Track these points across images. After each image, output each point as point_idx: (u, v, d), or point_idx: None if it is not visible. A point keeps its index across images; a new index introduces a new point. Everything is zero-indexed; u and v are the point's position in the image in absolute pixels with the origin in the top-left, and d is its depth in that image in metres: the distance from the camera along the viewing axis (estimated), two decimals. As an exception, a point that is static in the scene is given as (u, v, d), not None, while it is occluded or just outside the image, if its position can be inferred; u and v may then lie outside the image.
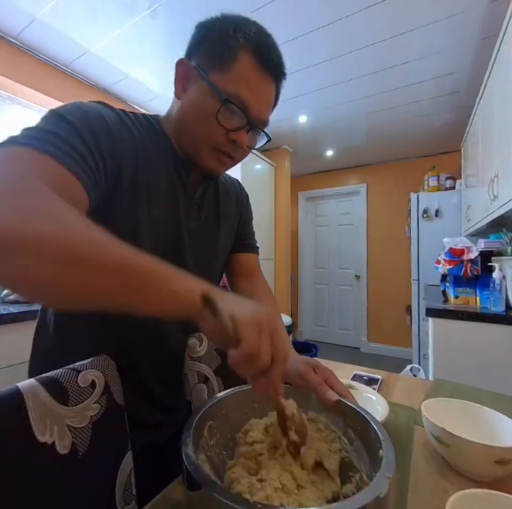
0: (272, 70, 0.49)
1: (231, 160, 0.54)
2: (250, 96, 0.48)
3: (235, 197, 0.72)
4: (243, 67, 0.47)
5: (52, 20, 1.53)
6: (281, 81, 0.53)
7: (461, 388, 0.75)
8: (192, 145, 0.52)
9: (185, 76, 0.50)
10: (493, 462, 0.40)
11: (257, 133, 0.55)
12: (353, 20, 1.50)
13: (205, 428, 0.37)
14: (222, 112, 0.47)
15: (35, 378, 0.36)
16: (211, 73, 0.47)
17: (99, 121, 0.43)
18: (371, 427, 0.36)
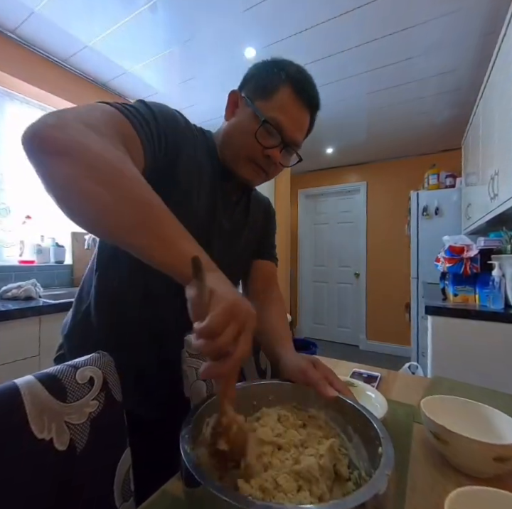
0: (306, 100, 0.58)
1: (264, 173, 0.61)
2: (286, 120, 0.56)
3: (263, 211, 0.78)
4: (282, 97, 0.56)
5: (51, 14, 1.51)
6: (315, 111, 0.63)
7: (460, 386, 0.75)
8: (232, 156, 0.61)
9: (235, 103, 0.60)
10: (492, 459, 0.41)
11: (290, 153, 0.62)
12: (353, 17, 1.48)
13: (204, 424, 0.37)
14: (260, 131, 0.55)
15: (33, 374, 0.36)
16: (256, 101, 0.57)
17: (171, 115, 0.53)
18: (370, 424, 0.36)
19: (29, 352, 1.29)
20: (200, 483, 0.26)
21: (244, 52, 1.75)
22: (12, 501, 0.32)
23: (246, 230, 0.71)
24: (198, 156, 0.58)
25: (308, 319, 4.18)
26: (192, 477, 0.26)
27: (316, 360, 0.51)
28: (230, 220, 0.66)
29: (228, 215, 0.65)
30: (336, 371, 0.78)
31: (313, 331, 4.14)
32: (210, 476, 0.27)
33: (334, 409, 0.43)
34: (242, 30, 1.57)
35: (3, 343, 1.22)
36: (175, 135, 0.52)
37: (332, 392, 0.43)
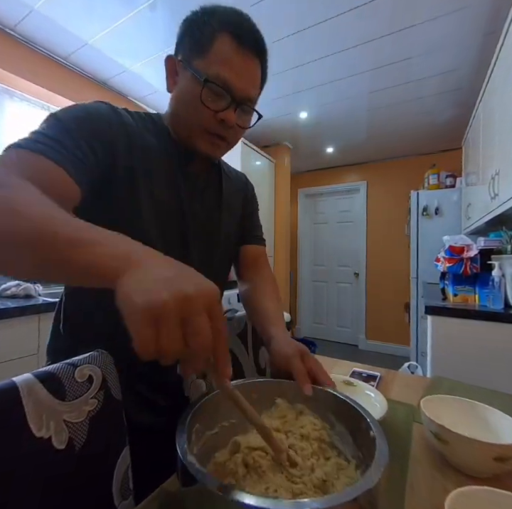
0: (250, 46, 0.51)
1: (224, 142, 0.55)
2: (231, 74, 0.49)
3: (239, 190, 0.74)
4: (221, 48, 0.48)
5: (50, 11, 1.50)
6: (264, 57, 0.55)
7: (460, 386, 0.75)
8: (185, 132, 0.55)
9: (174, 70, 0.53)
10: (492, 459, 0.40)
11: (247, 112, 0.55)
12: (354, 15, 1.48)
13: (200, 422, 0.37)
14: (205, 94, 0.49)
15: (32, 373, 0.35)
16: (194, 61, 0.50)
17: (91, 116, 0.47)
18: (363, 419, 0.36)
19: (28, 350, 1.29)
20: (196, 482, 0.25)
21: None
22: (10, 499, 0.31)
23: (223, 213, 0.66)
24: (140, 148, 0.52)
25: (308, 319, 4.18)
26: (188, 475, 0.26)
27: (305, 351, 0.50)
28: (201, 207, 0.61)
29: (198, 202, 0.60)
30: (336, 370, 0.78)
31: (312, 331, 4.14)
32: (207, 474, 0.26)
33: (321, 403, 0.43)
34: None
35: (2, 341, 1.22)
36: (99, 139, 0.46)
37: (308, 390, 0.43)
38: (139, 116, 0.56)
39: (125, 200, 0.51)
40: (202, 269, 0.62)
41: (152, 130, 0.56)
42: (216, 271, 0.66)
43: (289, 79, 2.03)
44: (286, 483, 0.31)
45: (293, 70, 1.92)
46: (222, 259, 0.68)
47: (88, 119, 0.46)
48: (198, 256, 0.59)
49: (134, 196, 0.51)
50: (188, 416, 0.34)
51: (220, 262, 0.67)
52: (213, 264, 0.65)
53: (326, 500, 0.24)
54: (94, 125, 0.47)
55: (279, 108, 2.42)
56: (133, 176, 0.51)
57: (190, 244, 0.58)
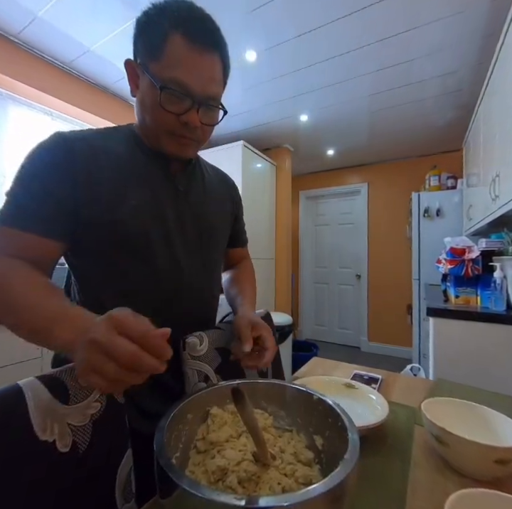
0: (205, 41, 0.49)
1: (194, 142, 0.56)
2: (188, 75, 0.48)
3: (225, 187, 0.75)
4: (174, 49, 0.47)
5: (53, 18, 1.52)
6: (222, 48, 0.52)
7: (462, 388, 0.75)
8: (152, 135, 0.55)
9: (135, 74, 0.53)
10: (493, 462, 0.41)
11: (212, 110, 0.54)
12: (354, 19, 1.49)
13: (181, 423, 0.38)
14: (165, 98, 0.48)
15: (36, 376, 0.36)
16: (149, 65, 0.49)
17: (48, 174, 0.48)
18: (335, 413, 0.38)
19: (32, 354, 1.30)
20: (175, 489, 0.25)
21: (245, 55, 1.76)
22: (15, 502, 0.32)
23: (212, 208, 0.66)
24: (108, 162, 0.53)
25: (310, 321, 4.18)
26: (168, 482, 0.26)
27: (256, 321, 0.56)
28: (188, 205, 0.61)
29: (183, 202, 0.60)
30: (337, 373, 0.78)
31: (314, 333, 4.13)
32: (187, 477, 0.26)
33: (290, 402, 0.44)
34: (244, 33, 1.58)
35: (6, 344, 1.23)
36: (65, 187, 0.48)
37: (247, 347, 0.51)
38: (106, 133, 0.57)
39: (104, 222, 0.51)
40: (199, 277, 0.66)
41: (123, 143, 0.56)
42: (215, 271, 0.69)
43: (290, 83, 2.04)
44: (279, 475, 0.33)
45: (294, 73, 1.93)
46: (219, 258, 0.71)
47: (48, 178, 0.48)
48: (193, 262, 0.61)
49: (112, 217, 0.51)
50: (166, 422, 0.34)
51: (217, 263, 0.70)
52: (212, 265, 0.67)
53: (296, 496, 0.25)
54: (54, 182, 0.48)
55: (280, 111, 2.43)
56: (102, 196, 0.51)
57: (180, 254, 0.59)
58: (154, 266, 0.55)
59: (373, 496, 0.41)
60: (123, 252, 0.53)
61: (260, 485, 0.31)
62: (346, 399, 0.60)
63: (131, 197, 0.53)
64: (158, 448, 0.30)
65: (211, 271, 0.67)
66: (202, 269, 0.63)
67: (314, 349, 3.18)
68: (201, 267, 0.63)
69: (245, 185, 2.64)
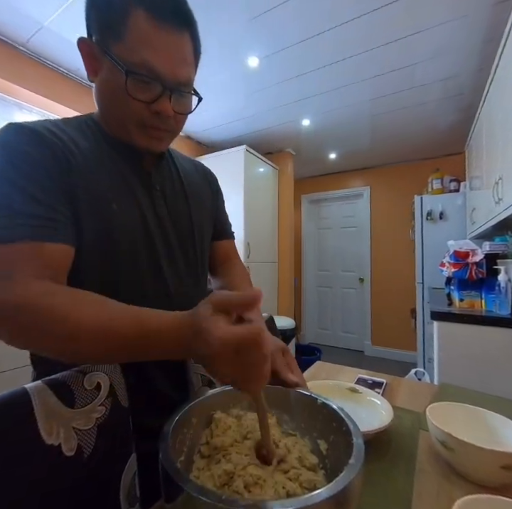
0: (173, 19, 0.42)
1: (165, 132, 0.49)
2: (156, 58, 0.42)
3: (202, 177, 0.68)
4: (139, 28, 0.41)
5: (59, 27, 1.55)
6: (193, 27, 0.46)
7: (467, 392, 0.75)
8: (119, 128, 0.48)
9: (91, 55, 0.46)
10: (499, 467, 0.40)
11: (185, 96, 0.48)
12: (357, 24, 1.51)
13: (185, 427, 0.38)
14: (132, 85, 0.42)
15: (42, 380, 0.36)
16: (110, 45, 0.42)
17: (31, 164, 0.41)
18: (339, 418, 0.38)
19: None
20: (180, 493, 0.25)
21: (248, 61, 1.78)
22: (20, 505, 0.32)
23: (189, 206, 0.60)
24: (76, 163, 0.45)
25: (313, 324, 4.16)
26: (173, 486, 0.26)
27: (285, 347, 0.51)
28: (164, 205, 0.55)
29: (160, 199, 0.55)
30: (341, 377, 0.78)
31: (317, 336, 4.11)
32: (192, 480, 0.26)
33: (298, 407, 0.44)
34: (247, 39, 1.60)
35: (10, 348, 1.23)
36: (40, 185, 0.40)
37: (293, 377, 0.45)
38: (68, 124, 0.49)
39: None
40: (186, 280, 0.62)
41: (88, 135, 0.49)
42: (200, 274, 0.63)
43: (292, 88, 2.06)
44: (284, 479, 0.33)
45: (296, 78, 1.95)
46: (200, 253, 0.63)
47: (35, 171, 0.41)
48: (178, 266, 0.56)
49: (77, 221, 0.44)
50: (170, 426, 0.34)
51: (198, 257, 0.63)
52: (193, 260, 0.61)
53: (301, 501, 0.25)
54: (43, 172, 0.41)
55: (282, 115, 2.45)
56: (74, 200, 0.44)
57: (163, 258, 0.54)
58: (140, 277, 0.51)
59: (378, 501, 0.40)
60: (108, 262, 0.48)
61: (265, 488, 0.31)
62: (350, 404, 0.59)
63: (111, 199, 0.47)
64: (163, 452, 0.30)
65: (196, 275, 0.62)
66: (188, 272, 0.59)
67: (317, 353, 3.17)
68: (185, 266, 0.59)
69: (248, 189, 2.66)
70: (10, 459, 0.31)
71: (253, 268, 2.69)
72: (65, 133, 0.46)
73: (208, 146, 3.05)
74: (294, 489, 0.31)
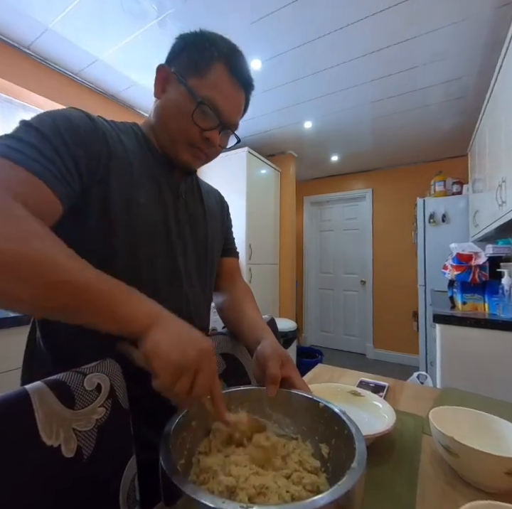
0: (241, 80, 0.56)
1: (205, 156, 0.59)
2: (222, 100, 0.54)
3: (217, 200, 0.77)
4: (217, 76, 0.53)
5: (64, 30, 1.57)
6: (250, 91, 0.60)
7: (470, 397, 0.74)
8: (170, 140, 0.57)
9: (165, 79, 0.56)
10: (504, 473, 0.39)
11: (228, 134, 0.61)
12: (359, 27, 1.51)
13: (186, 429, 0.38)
14: (197, 113, 0.53)
15: (43, 381, 0.36)
16: (188, 78, 0.53)
17: (68, 125, 0.45)
18: (342, 422, 0.37)
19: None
20: (180, 496, 0.25)
21: (251, 63, 1.78)
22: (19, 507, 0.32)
23: (206, 222, 0.68)
24: (121, 157, 0.52)
25: (314, 327, 4.14)
26: (173, 488, 0.26)
27: (286, 357, 0.52)
28: (186, 213, 0.63)
29: (183, 208, 0.62)
30: (343, 380, 0.77)
31: (319, 339, 4.09)
32: (191, 484, 0.26)
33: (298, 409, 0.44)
34: (249, 42, 1.60)
35: (12, 348, 1.24)
36: (81, 150, 0.45)
37: (271, 391, 0.46)
38: (116, 124, 0.57)
39: (95, 216, 0.48)
40: (193, 282, 0.65)
41: (132, 137, 0.57)
42: (208, 281, 0.68)
43: (294, 90, 2.06)
44: (287, 482, 0.33)
45: (298, 80, 1.95)
46: (211, 267, 0.69)
47: (69, 130, 0.44)
48: (189, 266, 0.61)
49: (107, 210, 0.49)
50: (170, 429, 0.35)
51: (209, 270, 0.68)
52: (203, 271, 0.66)
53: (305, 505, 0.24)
54: (76, 136, 0.45)
55: (284, 118, 2.46)
56: (107, 189, 0.49)
57: (179, 257, 0.59)
58: (154, 273, 0.55)
59: (381, 506, 0.40)
60: (122, 253, 0.50)
61: (269, 495, 0.31)
62: (352, 407, 0.59)
63: (140, 194, 0.53)
64: (164, 455, 0.30)
65: (205, 281, 0.67)
66: (198, 275, 0.64)
67: (319, 355, 3.15)
68: (197, 273, 0.64)
69: (250, 191, 2.66)
70: (9, 460, 0.31)
71: (255, 270, 2.69)
72: (116, 128, 0.55)
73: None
74: (298, 492, 0.31)
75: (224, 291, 0.75)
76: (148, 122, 0.61)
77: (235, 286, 0.76)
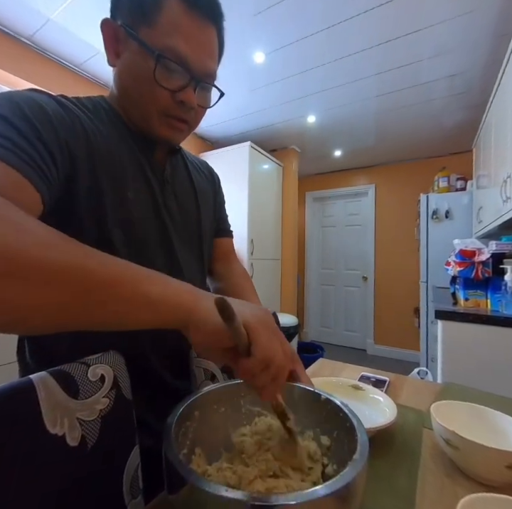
0: (205, 11, 0.43)
1: (185, 124, 0.49)
2: (186, 46, 0.42)
3: (207, 175, 0.69)
4: (171, 15, 0.41)
5: (65, 21, 1.55)
6: (221, 22, 0.47)
7: (470, 392, 0.74)
8: (140, 115, 0.48)
9: (114, 38, 0.45)
10: (504, 467, 0.40)
11: (207, 89, 0.49)
12: (362, 20, 1.48)
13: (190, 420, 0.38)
14: (159, 71, 0.42)
15: (47, 371, 0.37)
16: (139, 29, 0.42)
17: (36, 110, 0.37)
18: (344, 415, 0.37)
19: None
20: (184, 485, 0.25)
21: (254, 56, 1.76)
22: (23, 495, 0.32)
23: (198, 203, 0.61)
24: (97, 141, 0.44)
25: (315, 322, 4.16)
26: (176, 477, 0.26)
27: (292, 354, 0.49)
28: (175, 199, 0.56)
29: (170, 193, 0.55)
30: (344, 374, 0.77)
31: (320, 335, 4.11)
32: (196, 473, 0.26)
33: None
34: (252, 34, 1.58)
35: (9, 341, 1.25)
36: (53, 135, 0.38)
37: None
38: (84, 104, 0.46)
39: (88, 208, 0.43)
40: (194, 274, 0.60)
41: (104, 118, 0.48)
42: (205, 270, 0.64)
43: (297, 84, 2.04)
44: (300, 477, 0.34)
45: (301, 74, 1.93)
46: (206, 250, 0.64)
47: (36, 115, 0.37)
48: (181, 250, 0.56)
49: (98, 214, 0.44)
50: (174, 418, 0.34)
51: (205, 254, 0.64)
52: (199, 257, 0.62)
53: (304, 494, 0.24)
54: (45, 123, 0.38)
55: (287, 112, 2.44)
56: (97, 190, 0.43)
57: (171, 238, 0.53)
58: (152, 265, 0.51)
59: (382, 498, 0.40)
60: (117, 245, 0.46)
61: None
62: (353, 401, 0.59)
63: (128, 187, 0.47)
64: (167, 444, 0.30)
65: (203, 265, 0.63)
66: (195, 263, 0.61)
67: (320, 351, 3.17)
68: (194, 261, 0.60)
69: (252, 186, 2.65)
70: (14, 447, 0.32)
71: (256, 265, 2.69)
72: (86, 110, 0.46)
73: (213, 142, 3.04)
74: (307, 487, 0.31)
75: (220, 276, 0.70)
76: (112, 96, 0.50)
77: (232, 271, 0.71)
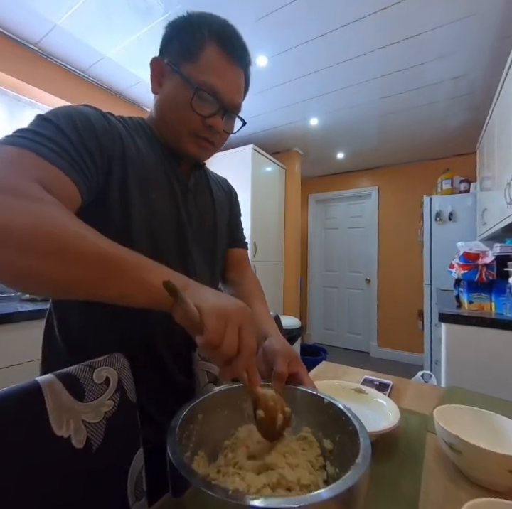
0: (236, 57, 0.54)
1: (211, 145, 0.58)
2: (220, 83, 0.52)
3: (225, 190, 0.77)
4: (210, 57, 0.51)
5: (71, 27, 1.58)
6: (248, 67, 0.58)
7: (474, 396, 0.74)
8: (173, 134, 0.56)
9: (160, 72, 0.55)
10: (507, 471, 0.40)
11: (232, 118, 0.59)
12: (366, 23, 1.49)
13: (194, 422, 0.38)
14: (195, 100, 0.51)
15: (54, 373, 0.37)
16: (182, 66, 0.52)
17: (83, 120, 0.45)
18: (346, 419, 0.37)
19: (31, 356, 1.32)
20: (188, 488, 0.25)
21: (256, 60, 1.77)
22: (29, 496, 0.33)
23: (215, 213, 0.68)
24: (132, 153, 0.52)
25: (319, 325, 4.14)
26: (181, 480, 0.26)
27: (294, 355, 0.51)
28: (196, 208, 0.63)
29: (192, 203, 0.62)
30: (347, 378, 0.77)
31: (323, 337, 4.09)
32: (200, 475, 0.26)
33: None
34: (254, 39, 1.60)
35: (23, 342, 1.26)
36: (96, 143, 0.46)
37: (277, 387, 0.44)
38: (126, 121, 0.57)
39: (116, 210, 0.50)
40: (203, 273, 0.65)
41: (141, 134, 0.57)
42: (216, 272, 0.69)
43: (300, 87, 2.05)
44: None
45: (304, 77, 1.94)
46: (219, 258, 0.70)
47: (84, 125, 0.45)
48: (198, 256, 0.62)
49: (125, 206, 0.50)
50: (178, 421, 0.34)
51: (219, 260, 0.70)
52: (214, 263, 0.67)
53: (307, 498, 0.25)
54: (90, 132, 0.45)
55: (290, 115, 2.45)
56: (126, 186, 0.50)
57: (189, 244, 0.59)
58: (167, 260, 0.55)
59: (385, 503, 0.40)
60: (135, 242, 0.51)
61: None
62: (356, 405, 0.59)
63: (152, 189, 0.53)
64: (171, 447, 0.30)
65: (214, 271, 0.68)
66: (207, 267, 0.65)
67: (323, 353, 3.15)
68: (206, 265, 0.65)
69: (255, 188, 2.66)
70: (21, 449, 0.32)
71: (259, 267, 2.69)
72: (126, 124, 0.55)
73: (216, 145, 3.05)
74: None
75: (233, 284, 0.76)
76: (150, 118, 0.61)
77: (245, 280, 0.76)
